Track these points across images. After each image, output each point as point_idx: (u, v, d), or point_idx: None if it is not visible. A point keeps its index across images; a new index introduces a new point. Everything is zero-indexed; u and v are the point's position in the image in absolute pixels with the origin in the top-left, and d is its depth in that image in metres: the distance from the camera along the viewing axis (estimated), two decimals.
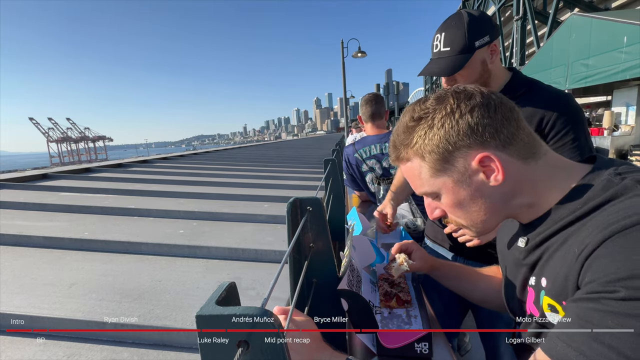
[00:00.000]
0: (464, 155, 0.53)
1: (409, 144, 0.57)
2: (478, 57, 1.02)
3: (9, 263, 1.24)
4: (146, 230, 1.60)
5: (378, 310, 0.84)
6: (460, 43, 0.99)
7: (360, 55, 11.38)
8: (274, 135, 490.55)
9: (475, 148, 0.53)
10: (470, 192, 0.55)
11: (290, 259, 0.65)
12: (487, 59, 1.04)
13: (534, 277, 0.56)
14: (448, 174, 0.55)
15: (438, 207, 0.61)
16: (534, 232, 0.56)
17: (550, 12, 12.50)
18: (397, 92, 26.35)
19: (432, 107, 0.55)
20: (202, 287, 1.08)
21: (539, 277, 0.54)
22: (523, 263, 0.59)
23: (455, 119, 0.53)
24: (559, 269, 0.49)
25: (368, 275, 1.01)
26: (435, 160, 0.55)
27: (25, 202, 2.00)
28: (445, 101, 0.54)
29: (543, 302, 0.53)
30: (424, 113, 0.55)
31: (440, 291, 1.33)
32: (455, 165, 0.54)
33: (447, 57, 1.02)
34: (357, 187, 2.20)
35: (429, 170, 0.57)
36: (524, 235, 0.59)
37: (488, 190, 0.55)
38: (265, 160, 5.17)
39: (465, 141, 0.53)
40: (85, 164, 4.21)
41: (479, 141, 0.52)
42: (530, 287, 0.58)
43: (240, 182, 2.94)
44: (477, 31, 0.99)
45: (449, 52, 1.01)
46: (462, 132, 0.52)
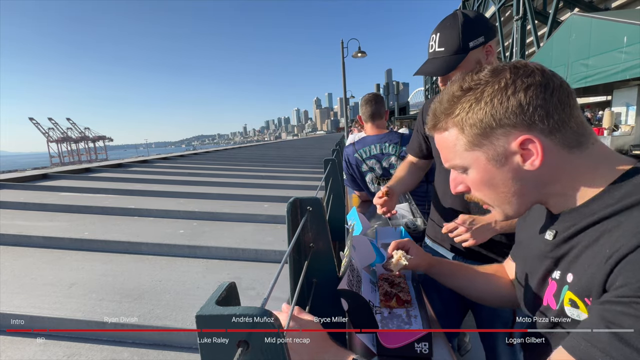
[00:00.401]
0: (506, 134, 0.51)
1: (450, 113, 0.55)
2: (472, 58, 1.03)
3: (9, 263, 1.24)
4: (146, 230, 1.60)
5: (378, 310, 0.84)
6: (455, 43, 1.01)
7: (360, 55, 11.38)
8: (274, 135, 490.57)
9: (520, 129, 0.50)
10: (503, 172, 0.53)
11: (290, 259, 0.65)
12: (482, 59, 1.05)
13: (559, 271, 0.54)
14: (484, 150, 0.53)
15: (463, 182, 0.59)
16: (564, 225, 0.54)
17: (550, 12, 12.50)
18: (397, 92, 26.37)
19: (484, 79, 0.52)
20: (202, 287, 1.08)
21: (565, 272, 0.52)
22: (548, 255, 0.57)
23: (507, 95, 0.50)
24: (587, 267, 0.47)
25: (368, 275, 1.01)
26: (474, 135, 0.53)
27: (25, 202, 2.00)
28: (501, 75, 0.51)
29: (565, 297, 0.51)
30: (474, 84, 0.52)
31: (440, 291, 1.33)
32: (493, 143, 0.52)
33: (441, 57, 1.04)
34: (357, 187, 2.20)
35: (465, 144, 0.54)
36: (552, 228, 0.57)
37: (521, 174, 0.52)
38: (266, 160, 5.17)
39: (511, 120, 0.50)
40: (85, 164, 4.22)
41: (525, 122, 0.49)
42: (552, 280, 0.56)
43: (240, 182, 2.94)
44: (471, 32, 1.01)
45: (444, 52, 1.03)
46: (511, 110, 0.49)
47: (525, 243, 0.68)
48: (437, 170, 1.32)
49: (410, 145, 1.48)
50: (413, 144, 1.46)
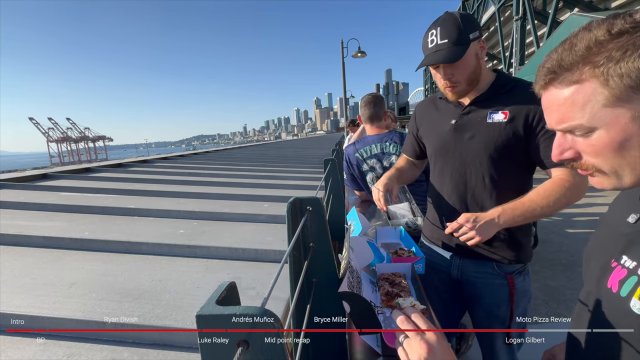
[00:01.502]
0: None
1: (590, 62, 0.46)
2: (472, 50, 1.07)
3: (9, 263, 1.24)
4: (146, 230, 1.60)
5: (380, 311, 0.84)
6: (457, 35, 1.04)
7: (360, 55, 11.38)
8: (274, 135, 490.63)
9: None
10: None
11: (290, 258, 0.65)
12: (478, 53, 1.09)
13: (633, 261, 0.49)
14: (629, 106, 0.45)
15: (574, 147, 0.51)
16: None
17: (550, 12, 12.51)
18: (397, 92, 26.37)
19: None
20: (202, 286, 1.08)
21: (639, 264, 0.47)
22: (626, 238, 0.52)
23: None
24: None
25: (368, 276, 1.01)
26: (624, 87, 0.44)
27: (25, 202, 2.00)
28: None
29: (637, 291, 0.47)
30: (631, 27, 0.44)
31: (439, 292, 1.33)
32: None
33: (446, 48, 1.05)
34: (357, 187, 2.20)
35: (607, 99, 0.46)
36: (636, 211, 0.52)
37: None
38: (265, 160, 5.17)
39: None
40: (85, 164, 4.21)
41: None
42: (622, 266, 0.51)
43: (240, 182, 2.94)
44: (469, 25, 1.05)
45: (447, 43, 1.04)
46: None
47: (608, 221, 0.62)
48: (432, 169, 1.32)
49: (405, 147, 1.49)
50: (407, 145, 1.47)
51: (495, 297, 1.18)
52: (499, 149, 1.08)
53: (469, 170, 1.15)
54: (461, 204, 1.18)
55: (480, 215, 1.03)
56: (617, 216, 0.57)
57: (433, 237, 1.33)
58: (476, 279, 1.21)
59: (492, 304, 1.19)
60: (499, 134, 1.08)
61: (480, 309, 1.23)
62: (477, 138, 1.12)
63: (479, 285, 1.21)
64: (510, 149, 1.08)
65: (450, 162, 1.20)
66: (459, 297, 1.30)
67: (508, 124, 1.06)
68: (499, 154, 1.09)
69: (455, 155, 1.18)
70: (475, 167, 1.14)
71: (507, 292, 1.16)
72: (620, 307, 0.49)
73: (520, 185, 1.12)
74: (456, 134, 1.17)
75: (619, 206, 0.60)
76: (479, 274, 1.20)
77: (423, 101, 1.41)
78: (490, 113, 1.10)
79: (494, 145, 1.09)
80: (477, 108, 1.14)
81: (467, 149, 1.15)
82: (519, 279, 1.17)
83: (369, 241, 1.23)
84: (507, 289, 1.15)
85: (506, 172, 1.11)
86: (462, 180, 1.18)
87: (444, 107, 1.25)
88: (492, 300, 1.19)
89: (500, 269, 1.16)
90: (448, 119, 1.20)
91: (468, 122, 1.15)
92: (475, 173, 1.14)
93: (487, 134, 1.10)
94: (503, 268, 1.16)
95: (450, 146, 1.19)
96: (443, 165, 1.23)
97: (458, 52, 1.03)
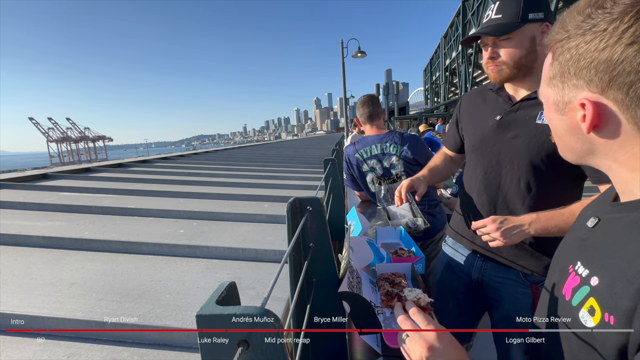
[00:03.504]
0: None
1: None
2: (528, 31, 0.96)
3: (8, 263, 1.24)
4: (146, 230, 1.60)
5: (380, 311, 0.84)
6: (514, 11, 0.95)
7: (360, 55, 11.38)
8: (274, 135, 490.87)
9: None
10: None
11: (290, 258, 0.65)
12: (537, 37, 0.97)
13: (585, 269, 0.47)
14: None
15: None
16: (611, 216, 0.47)
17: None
18: (397, 92, 26.37)
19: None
20: (202, 286, 1.08)
21: (592, 273, 0.46)
22: (583, 243, 0.51)
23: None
24: (614, 274, 0.41)
25: (368, 276, 1.01)
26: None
27: (25, 202, 2.00)
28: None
29: (586, 302, 0.45)
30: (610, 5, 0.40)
31: (456, 292, 1.27)
32: None
33: (496, 23, 0.98)
34: (356, 187, 2.20)
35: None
36: (596, 215, 0.51)
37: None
38: (265, 160, 5.17)
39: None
40: (85, 164, 4.21)
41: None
42: (575, 272, 0.50)
43: (240, 182, 2.94)
44: (532, 3, 0.95)
45: (500, 19, 0.97)
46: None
47: (574, 225, 0.61)
48: (467, 164, 1.24)
49: (446, 138, 1.41)
50: (448, 136, 1.38)
51: (516, 305, 1.10)
52: (542, 155, 0.98)
53: (505, 171, 1.07)
54: (490, 205, 1.11)
55: (510, 219, 0.95)
56: (582, 220, 0.56)
57: (458, 233, 1.26)
58: (498, 283, 1.13)
59: (511, 311, 1.11)
60: (546, 137, 0.96)
61: (497, 313, 1.16)
62: (520, 138, 1.02)
63: (500, 290, 1.13)
64: (556, 158, 0.96)
65: (486, 160, 1.11)
66: (475, 300, 1.23)
67: None
68: (541, 160, 0.99)
69: (493, 153, 1.09)
70: (512, 169, 1.05)
71: (530, 302, 1.07)
72: (570, 315, 0.48)
73: (561, 195, 1.01)
74: (499, 131, 1.07)
75: (587, 209, 0.60)
76: (501, 279, 1.13)
77: (471, 91, 1.29)
78: (542, 113, 0.98)
79: (537, 150, 0.98)
80: (528, 105, 1.02)
81: (506, 149, 1.06)
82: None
83: (369, 241, 1.23)
84: (531, 299, 1.07)
85: (545, 180, 1.01)
86: (495, 181, 1.09)
87: (492, 100, 1.14)
88: (511, 307, 1.11)
89: (526, 278, 1.08)
90: (493, 114, 1.10)
91: (514, 120, 1.04)
92: (511, 175, 1.05)
93: (534, 135, 0.99)
94: (529, 277, 1.08)
95: (490, 143, 1.10)
96: (478, 161, 1.15)
97: (507, 27, 0.95)
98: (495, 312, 1.18)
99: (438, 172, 1.34)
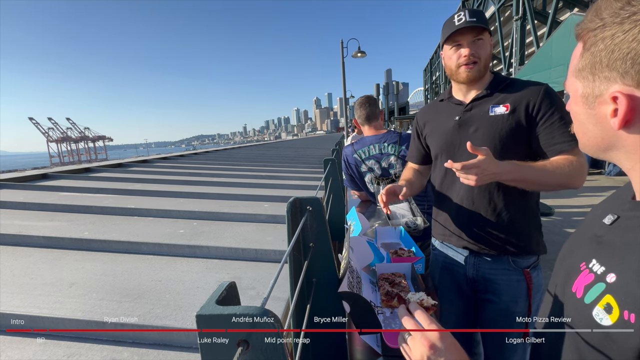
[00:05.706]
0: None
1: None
2: (489, 39, 1.15)
3: (8, 263, 1.24)
4: (146, 230, 1.60)
5: (380, 311, 0.84)
6: (482, 18, 1.11)
7: (360, 55, 11.37)
8: (274, 135, 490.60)
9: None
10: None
11: (290, 258, 0.65)
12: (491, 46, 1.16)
13: (602, 266, 0.46)
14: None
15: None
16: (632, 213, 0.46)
17: (550, 12, 12.50)
18: (397, 92, 26.37)
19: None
20: (202, 286, 1.08)
21: (608, 270, 0.44)
22: (598, 240, 0.50)
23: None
24: (636, 271, 0.39)
25: (368, 276, 1.01)
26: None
27: (25, 202, 2.00)
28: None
29: (602, 299, 0.44)
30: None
31: (454, 292, 1.31)
32: None
33: (476, 22, 1.11)
34: (356, 187, 2.20)
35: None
36: (614, 212, 0.49)
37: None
38: (265, 160, 5.17)
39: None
40: (85, 164, 4.21)
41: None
42: (590, 270, 0.48)
43: (240, 182, 2.94)
44: (487, 21, 1.13)
45: (475, 22, 1.10)
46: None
47: (585, 222, 0.60)
48: (434, 168, 1.33)
49: (410, 154, 1.49)
50: (412, 152, 1.47)
51: (514, 293, 1.18)
52: (503, 140, 1.11)
53: None
54: (469, 197, 1.19)
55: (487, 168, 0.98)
56: (596, 217, 0.55)
57: (445, 238, 1.32)
58: (494, 275, 1.20)
59: (510, 301, 1.18)
60: (502, 125, 1.11)
61: (495, 307, 1.22)
62: (481, 131, 1.14)
63: (496, 281, 1.20)
64: (514, 140, 1.10)
65: (456, 158, 1.16)
66: (474, 297, 1.29)
67: (510, 116, 1.10)
68: (503, 145, 1.11)
69: (460, 150, 1.19)
70: None
71: (525, 288, 1.16)
72: (582, 313, 0.47)
73: None
74: (461, 129, 1.19)
75: (600, 207, 0.58)
76: (495, 270, 1.20)
77: (423, 108, 1.45)
78: (492, 107, 1.14)
79: (498, 137, 1.11)
80: (479, 104, 1.17)
81: (472, 143, 1.14)
82: (534, 274, 1.17)
83: (369, 241, 1.23)
84: (525, 285, 1.16)
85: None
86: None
87: (445, 107, 1.28)
88: (509, 297, 1.18)
89: (517, 264, 1.17)
90: (451, 117, 1.23)
91: (471, 117, 1.18)
92: None
93: (491, 126, 1.13)
94: (518, 263, 1.17)
95: (456, 142, 1.21)
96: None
97: (487, 27, 1.10)
98: (493, 306, 1.22)
99: (412, 184, 1.40)
